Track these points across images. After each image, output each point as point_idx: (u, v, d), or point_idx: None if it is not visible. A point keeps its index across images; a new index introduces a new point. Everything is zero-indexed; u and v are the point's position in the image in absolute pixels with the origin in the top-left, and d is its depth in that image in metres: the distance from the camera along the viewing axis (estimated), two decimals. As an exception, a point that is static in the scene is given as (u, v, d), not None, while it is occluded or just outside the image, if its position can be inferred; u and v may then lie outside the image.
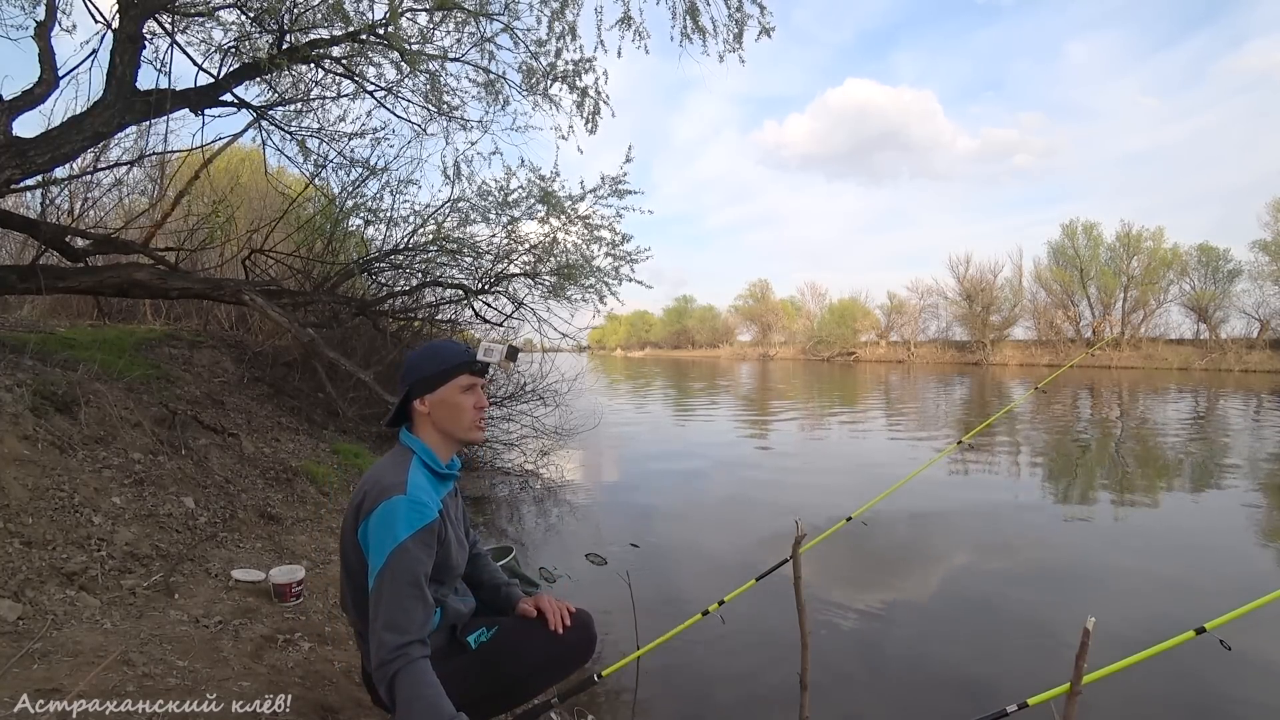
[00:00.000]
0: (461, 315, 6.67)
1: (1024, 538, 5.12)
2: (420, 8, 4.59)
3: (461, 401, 1.47)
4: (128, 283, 4.59)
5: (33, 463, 2.73)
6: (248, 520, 3.45)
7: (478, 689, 1.49)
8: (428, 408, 1.47)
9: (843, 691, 2.85)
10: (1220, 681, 2.94)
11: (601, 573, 4.25)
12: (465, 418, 1.48)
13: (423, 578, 1.32)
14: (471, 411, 1.48)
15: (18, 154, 3.66)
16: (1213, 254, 39.17)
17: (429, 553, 1.35)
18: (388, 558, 1.29)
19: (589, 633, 1.63)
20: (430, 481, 1.44)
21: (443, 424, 1.48)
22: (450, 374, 1.47)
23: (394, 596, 1.28)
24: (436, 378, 1.46)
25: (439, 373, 1.46)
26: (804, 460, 8.83)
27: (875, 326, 55.55)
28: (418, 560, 1.31)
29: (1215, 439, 10.37)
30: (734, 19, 4.56)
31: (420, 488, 1.38)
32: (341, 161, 5.76)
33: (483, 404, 1.51)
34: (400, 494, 1.34)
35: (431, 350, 1.52)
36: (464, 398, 1.47)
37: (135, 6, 3.86)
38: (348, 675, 2.32)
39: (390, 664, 1.26)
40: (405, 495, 1.34)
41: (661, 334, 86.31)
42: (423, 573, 1.32)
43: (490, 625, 1.57)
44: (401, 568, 1.29)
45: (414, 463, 1.44)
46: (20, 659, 1.91)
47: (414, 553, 1.31)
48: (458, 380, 1.47)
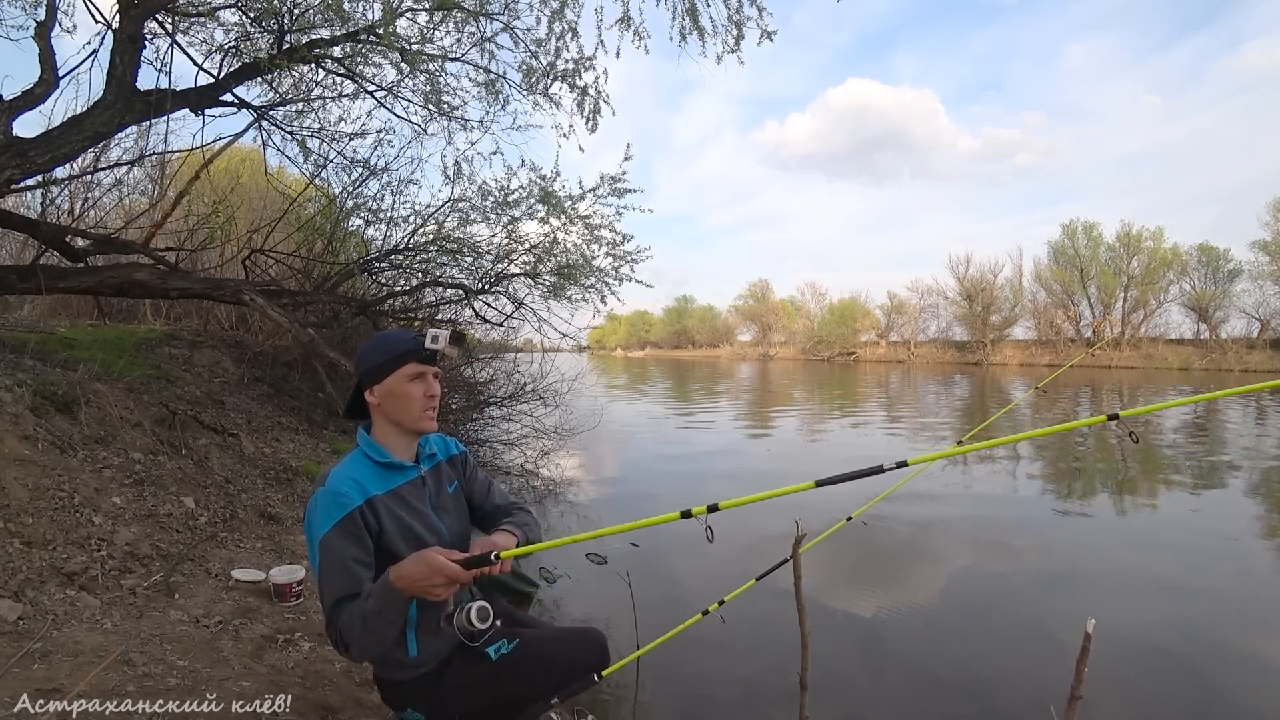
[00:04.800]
0: (462, 315, 6.68)
1: (1024, 538, 5.12)
2: (420, 8, 4.59)
3: (409, 390, 1.45)
4: (128, 283, 4.59)
5: (33, 463, 2.73)
6: (248, 520, 3.45)
7: (492, 699, 1.50)
8: (377, 398, 1.45)
9: (843, 691, 2.85)
10: (1220, 681, 2.94)
11: (601, 572, 4.25)
12: (414, 407, 1.45)
13: (353, 565, 1.32)
14: (421, 400, 1.46)
15: (18, 154, 3.66)
16: (1213, 254, 39.16)
17: (356, 541, 1.33)
18: (318, 555, 1.32)
19: (603, 653, 1.62)
20: (369, 472, 1.42)
21: (392, 414, 1.46)
22: (396, 363, 1.44)
23: (331, 589, 1.30)
24: (383, 367, 1.44)
25: (385, 362, 1.44)
26: (804, 459, 8.83)
27: (875, 326, 55.53)
28: (344, 550, 1.31)
29: (1215, 439, 10.37)
30: (733, 20, 4.56)
31: (343, 478, 1.36)
32: (342, 161, 5.78)
33: (433, 392, 1.48)
34: (320, 487, 1.35)
35: (379, 340, 1.50)
36: (412, 386, 1.45)
37: (135, 6, 3.86)
38: (348, 675, 2.32)
39: (332, 627, 1.30)
40: (324, 487, 1.34)
41: (661, 334, 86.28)
42: (352, 559, 1.32)
43: (511, 638, 1.56)
44: (330, 562, 1.31)
45: (353, 455, 1.45)
46: (20, 659, 1.91)
47: (337, 545, 1.31)
48: (404, 369, 1.44)
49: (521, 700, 1.54)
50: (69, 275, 4.59)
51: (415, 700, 1.49)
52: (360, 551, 1.34)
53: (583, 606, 3.76)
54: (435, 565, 1.23)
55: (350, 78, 5.11)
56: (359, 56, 4.96)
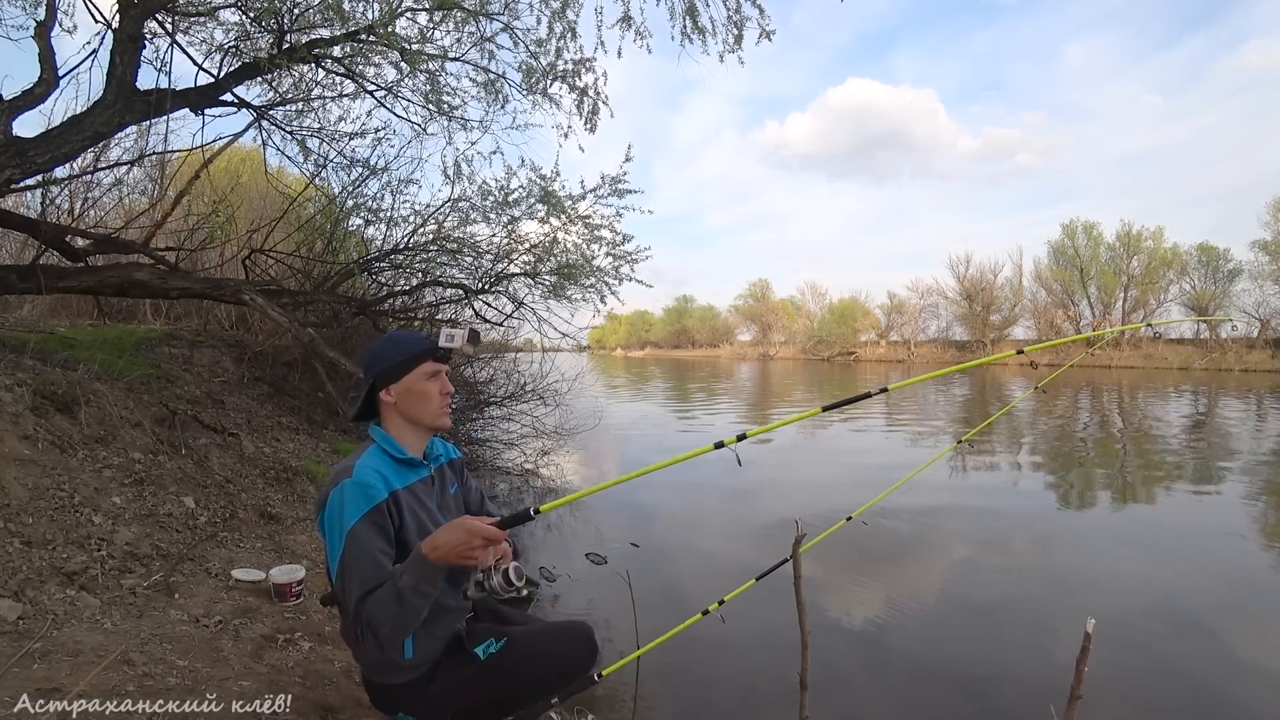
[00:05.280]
0: (462, 315, 6.68)
1: (1024, 537, 5.12)
2: (420, 8, 4.59)
3: (427, 389, 1.47)
4: (128, 282, 4.60)
5: (33, 462, 2.73)
6: (248, 520, 3.45)
7: (483, 698, 1.50)
8: (394, 397, 1.47)
9: (843, 691, 2.85)
10: (1220, 681, 2.94)
11: (601, 572, 4.23)
12: (432, 404, 1.48)
13: (380, 556, 1.32)
14: (438, 398, 1.49)
15: (18, 154, 3.66)
16: (1213, 253, 39.18)
17: (382, 532, 1.34)
18: (344, 545, 1.31)
19: (592, 645, 1.64)
20: (389, 467, 1.44)
21: (410, 412, 1.48)
22: (414, 362, 1.47)
23: (360, 582, 1.29)
24: (400, 366, 1.46)
25: (402, 361, 1.46)
26: (804, 459, 8.83)
27: (875, 326, 55.52)
28: (371, 542, 1.31)
29: (1215, 439, 10.37)
30: (733, 20, 4.57)
31: (369, 470, 1.38)
32: (342, 161, 5.78)
33: (448, 390, 1.51)
34: (347, 478, 1.36)
35: (393, 340, 1.52)
36: (429, 384, 1.47)
37: (135, 6, 3.86)
38: (348, 675, 2.32)
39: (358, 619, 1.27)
40: (351, 478, 1.35)
41: (661, 334, 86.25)
42: (379, 551, 1.32)
43: (499, 637, 1.57)
44: (357, 553, 1.30)
45: (371, 449, 1.45)
46: (20, 659, 1.91)
47: (365, 537, 1.31)
48: (422, 368, 1.47)
49: (514, 698, 1.54)
50: (69, 275, 4.59)
51: (406, 703, 1.48)
52: (385, 544, 1.35)
53: (582, 606, 3.76)
54: (473, 528, 1.24)
55: (350, 77, 5.11)
56: (359, 56, 4.96)
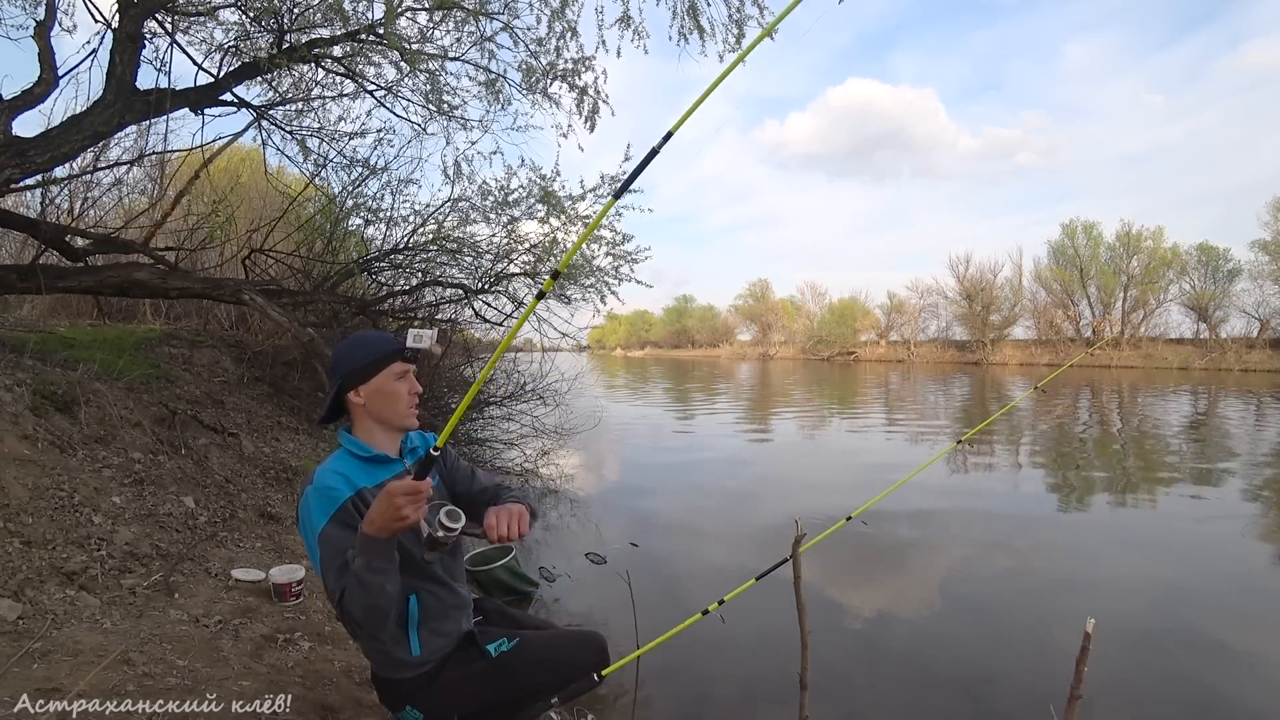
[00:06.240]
0: (461, 315, 6.67)
1: (1024, 537, 5.12)
2: (420, 7, 4.59)
3: (396, 389, 1.48)
4: (128, 282, 4.59)
5: (33, 462, 2.73)
6: (248, 520, 3.45)
7: (491, 697, 1.51)
8: (363, 398, 1.48)
9: (843, 691, 2.85)
10: (1220, 681, 2.94)
11: (601, 572, 4.25)
12: (401, 404, 1.49)
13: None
14: (407, 397, 1.50)
15: (18, 153, 3.66)
16: (1213, 253, 39.18)
17: (353, 531, 1.34)
18: (318, 549, 1.34)
19: (603, 655, 1.66)
20: (355, 468, 1.44)
21: (379, 413, 1.49)
22: (383, 362, 1.47)
23: (336, 581, 1.30)
24: (370, 367, 1.47)
25: (372, 362, 1.47)
26: (804, 459, 8.84)
27: (875, 326, 55.51)
28: (342, 541, 1.33)
29: (1215, 439, 10.37)
30: (734, 19, 4.56)
31: (329, 473, 1.40)
32: (341, 161, 5.77)
33: (416, 390, 1.52)
34: (309, 486, 1.39)
35: (360, 341, 1.53)
36: (398, 385, 1.48)
37: (135, 6, 3.86)
38: (348, 675, 2.32)
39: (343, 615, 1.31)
40: (313, 485, 1.38)
41: (661, 333, 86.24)
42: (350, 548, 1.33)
43: (511, 637, 1.59)
44: (330, 553, 1.32)
45: (337, 453, 1.47)
46: (20, 658, 1.91)
47: (335, 537, 1.33)
48: (391, 368, 1.48)
49: (520, 699, 1.55)
50: (69, 275, 4.58)
51: (413, 698, 1.49)
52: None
53: (582, 606, 3.76)
54: (390, 489, 1.22)
55: (350, 77, 5.11)
56: (359, 56, 4.95)
